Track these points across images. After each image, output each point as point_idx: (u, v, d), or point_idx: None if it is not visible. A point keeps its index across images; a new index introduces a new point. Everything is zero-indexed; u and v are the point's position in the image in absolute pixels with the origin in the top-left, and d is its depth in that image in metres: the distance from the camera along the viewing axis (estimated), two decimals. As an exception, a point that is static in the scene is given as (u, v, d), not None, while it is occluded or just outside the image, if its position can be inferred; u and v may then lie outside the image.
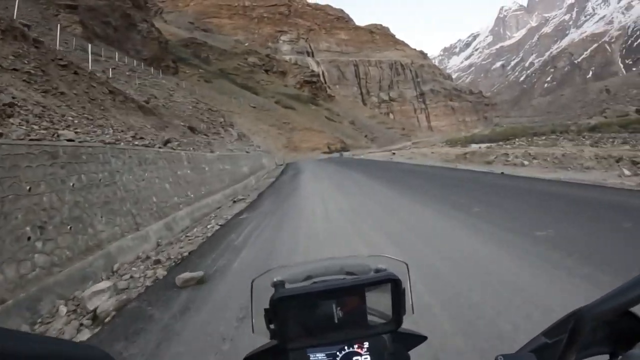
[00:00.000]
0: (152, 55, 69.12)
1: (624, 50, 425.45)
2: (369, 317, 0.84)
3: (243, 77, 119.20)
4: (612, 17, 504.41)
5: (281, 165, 53.62)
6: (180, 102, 40.03)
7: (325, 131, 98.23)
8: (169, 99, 37.84)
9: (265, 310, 0.82)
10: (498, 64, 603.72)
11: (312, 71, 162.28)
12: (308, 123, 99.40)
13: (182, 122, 27.90)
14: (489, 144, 61.70)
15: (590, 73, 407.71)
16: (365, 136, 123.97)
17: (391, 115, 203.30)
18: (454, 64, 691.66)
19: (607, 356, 0.72)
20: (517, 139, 65.79)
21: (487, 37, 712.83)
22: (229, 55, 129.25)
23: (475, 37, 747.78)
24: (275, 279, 0.85)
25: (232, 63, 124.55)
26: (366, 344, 0.88)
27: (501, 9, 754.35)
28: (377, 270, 0.85)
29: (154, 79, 46.68)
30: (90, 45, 36.61)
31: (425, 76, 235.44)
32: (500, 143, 62.29)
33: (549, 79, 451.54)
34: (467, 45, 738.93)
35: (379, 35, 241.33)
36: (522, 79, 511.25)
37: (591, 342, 0.73)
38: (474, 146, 60.07)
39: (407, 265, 0.91)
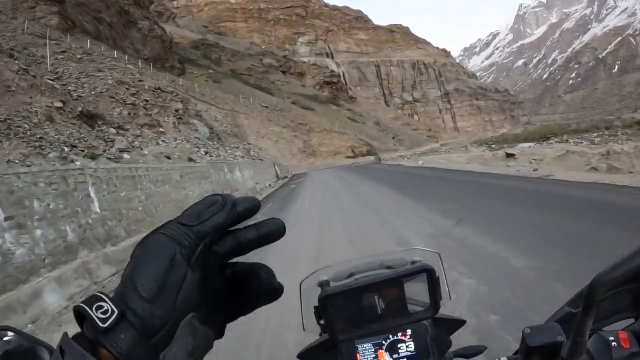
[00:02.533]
0: (154, 55, 63.80)
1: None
2: (409, 306, 0.89)
3: (257, 78, 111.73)
4: (635, 9, 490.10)
5: (285, 178, 39.50)
6: (100, 76, 28.02)
7: (348, 133, 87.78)
8: (83, 72, 27.58)
9: (315, 308, 0.87)
10: (520, 62, 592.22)
11: (332, 71, 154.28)
12: (328, 124, 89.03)
13: (57, 101, 17.62)
14: (529, 144, 54.21)
15: (616, 67, 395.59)
16: (393, 138, 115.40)
17: (415, 117, 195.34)
18: (475, 64, 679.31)
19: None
20: (568, 137, 58.48)
21: (507, 35, 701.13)
22: (242, 56, 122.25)
23: (495, 36, 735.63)
24: (321, 279, 0.90)
25: (246, 64, 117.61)
26: (409, 331, 0.93)
27: (520, 6, 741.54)
28: (413, 262, 0.89)
29: (113, 61, 38.08)
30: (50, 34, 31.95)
31: (449, 75, 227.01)
32: (552, 142, 54.94)
33: (573, 75, 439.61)
34: (487, 44, 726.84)
35: (400, 34, 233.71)
36: (545, 76, 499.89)
37: (617, 309, 0.76)
38: (523, 146, 52.63)
39: (440, 255, 0.96)
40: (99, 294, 0.39)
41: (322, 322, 0.88)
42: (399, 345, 0.93)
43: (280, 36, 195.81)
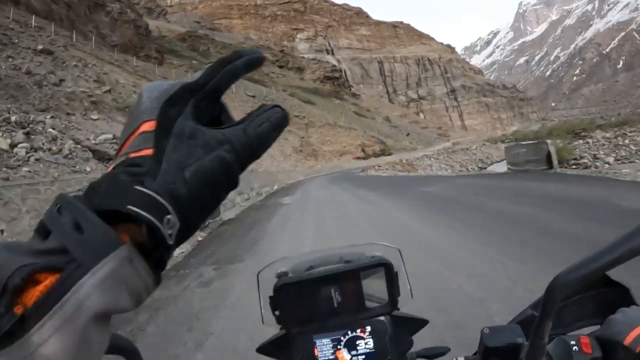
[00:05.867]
0: (124, 41, 55.33)
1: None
2: (367, 302, 0.88)
3: None
4: (638, 4, 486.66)
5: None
6: None
7: (356, 128, 75.11)
8: None
9: (270, 297, 0.86)
10: (522, 60, 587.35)
11: (334, 66, 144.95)
12: (332, 118, 75.94)
13: None
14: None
15: (621, 63, 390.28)
16: (407, 135, 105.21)
17: (421, 115, 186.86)
18: (476, 62, 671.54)
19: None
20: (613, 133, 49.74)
21: (507, 33, 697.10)
22: (233, 48, 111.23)
23: (495, 34, 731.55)
24: (279, 270, 0.89)
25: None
26: (368, 328, 0.91)
27: (520, 4, 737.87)
28: (373, 257, 0.89)
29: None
30: None
31: (454, 71, 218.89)
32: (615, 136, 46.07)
33: (577, 71, 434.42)
34: (488, 43, 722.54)
35: (403, 29, 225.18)
36: (548, 73, 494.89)
37: (581, 315, 0.77)
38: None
39: (399, 251, 0.94)
40: (160, 201, 0.36)
41: (277, 312, 0.87)
42: (357, 342, 0.91)
43: (277, 32, 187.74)
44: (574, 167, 26.01)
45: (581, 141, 42.77)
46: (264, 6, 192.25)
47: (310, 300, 0.87)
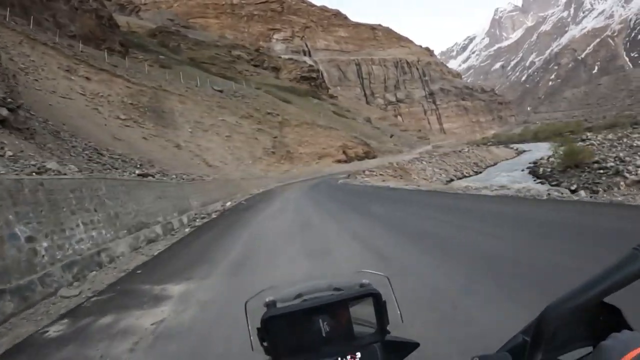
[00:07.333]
0: (85, 32, 50.90)
1: (628, 44, 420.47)
2: (356, 329, 0.88)
3: (220, 67, 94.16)
4: (612, 11, 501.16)
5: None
6: None
7: (337, 128, 68.63)
8: None
9: (258, 329, 0.86)
10: (497, 65, 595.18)
11: (311, 66, 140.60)
12: (309, 117, 68.62)
13: None
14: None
15: (596, 68, 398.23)
16: (391, 136, 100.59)
17: (399, 118, 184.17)
18: (452, 67, 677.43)
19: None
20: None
21: (483, 39, 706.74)
22: (206, 45, 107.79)
23: (471, 39, 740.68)
24: (267, 299, 0.88)
25: (209, 53, 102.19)
26: (358, 354, 0.90)
27: (496, 10, 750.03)
28: (362, 285, 0.89)
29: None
30: None
31: (433, 74, 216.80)
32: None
33: (552, 76, 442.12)
34: (464, 48, 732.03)
35: (381, 31, 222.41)
36: (523, 78, 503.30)
37: (573, 337, 0.73)
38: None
39: (388, 278, 0.95)
40: None
41: (265, 343, 0.86)
42: None
43: (254, 32, 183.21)
44: (600, 172, 22.48)
45: (582, 143, 39.99)
46: (241, 5, 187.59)
47: (299, 331, 0.86)
